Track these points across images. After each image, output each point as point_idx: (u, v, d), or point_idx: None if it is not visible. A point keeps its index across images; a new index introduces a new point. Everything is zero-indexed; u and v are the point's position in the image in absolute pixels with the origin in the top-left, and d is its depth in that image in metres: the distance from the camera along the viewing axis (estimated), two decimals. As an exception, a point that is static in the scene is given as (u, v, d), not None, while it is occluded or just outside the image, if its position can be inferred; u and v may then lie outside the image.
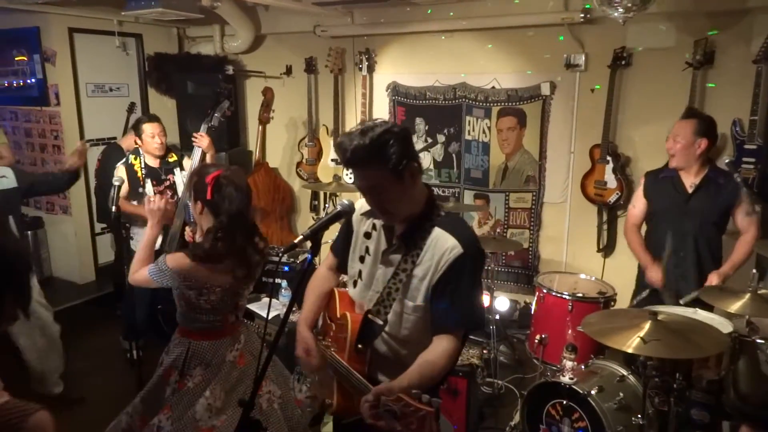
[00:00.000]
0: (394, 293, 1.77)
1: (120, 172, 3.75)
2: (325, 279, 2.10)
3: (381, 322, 1.79)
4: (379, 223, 1.85)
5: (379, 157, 1.63)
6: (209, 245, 2.14)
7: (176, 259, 2.18)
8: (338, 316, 1.93)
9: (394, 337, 1.82)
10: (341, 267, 2.04)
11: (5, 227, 3.31)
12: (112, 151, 4.40)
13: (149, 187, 3.80)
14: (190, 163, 3.92)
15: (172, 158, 3.93)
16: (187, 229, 2.45)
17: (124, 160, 3.87)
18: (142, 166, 3.81)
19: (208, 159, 3.89)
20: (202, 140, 3.84)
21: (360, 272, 1.90)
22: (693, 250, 3.04)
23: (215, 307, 2.23)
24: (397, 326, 1.81)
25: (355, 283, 1.94)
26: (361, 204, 1.94)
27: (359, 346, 1.80)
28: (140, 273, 2.26)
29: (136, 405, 2.29)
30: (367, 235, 1.89)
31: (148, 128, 3.78)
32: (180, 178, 3.92)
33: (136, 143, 3.85)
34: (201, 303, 2.20)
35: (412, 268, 1.75)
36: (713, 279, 2.96)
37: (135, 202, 3.72)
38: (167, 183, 3.87)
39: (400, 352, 1.82)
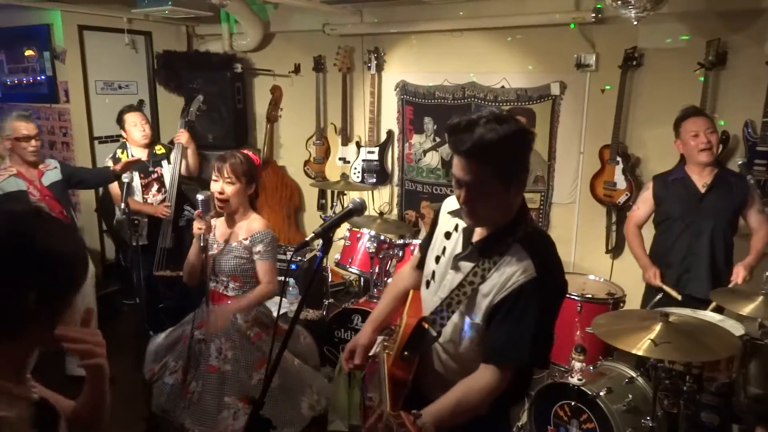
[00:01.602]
0: (455, 305, 1.61)
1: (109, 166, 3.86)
2: (405, 278, 1.98)
3: (434, 333, 1.63)
4: (462, 224, 1.68)
5: (499, 158, 1.45)
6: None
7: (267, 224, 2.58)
8: (403, 316, 1.86)
9: (449, 352, 1.69)
10: (422, 264, 1.88)
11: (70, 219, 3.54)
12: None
13: (136, 179, 3.85)
14: (172, 158, 3.94)
15: (160, 150, 3.98)
16: (196, 223, 2.45)
17: (111, 154, 3.91)
18: (129, 158, 3.84)
19: (189, 154, 3.91)
20: (182, 136, 3.88)
21: (434, 273, 1.75)
22: (708, 250, 3.02)
23: None
24: (454, 341, 1.67)
25: (428, 284, 1.79)
26: (450, 202, 1.80)
27: (405, 353, 1.68)
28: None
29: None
30: (447, 235, 1.73)
31: (129, 118, 3.87)
32: (168, 171, 3.95)
33: (123, 136, 3.89)
34: None
35: (480, 282, 1.57)
36: (740, 271, 2.93)
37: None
38: (154, 175, 3.91)
39: (454, 369, 1.68)
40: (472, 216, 1.58)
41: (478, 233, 1.64)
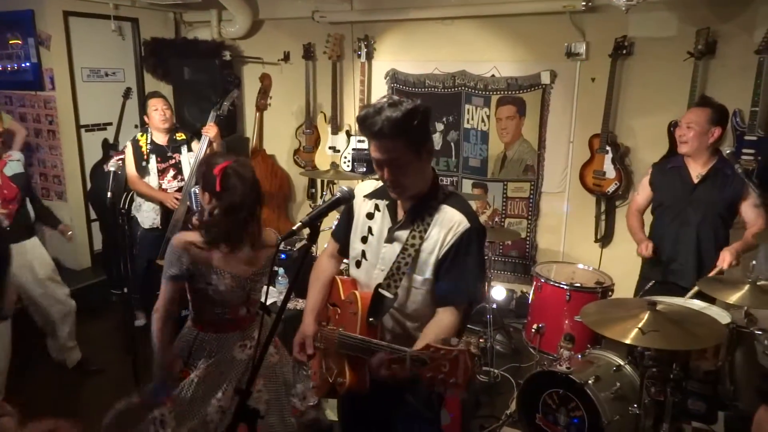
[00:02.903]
0: (403, 267, 1.81)
1: (127, 149, 3.91)
2: (327, 268, 2.12)
3: (391, 296, 1.82)
4: (382, 203, 1.91)
5: (407, 131, 1.68)
6: (216, 227, 2.13)
7: (184, 236, 2.17)
8: (343, 297, 1.96)
9: (402, 312, 1.88)
10: (343, 251, 2.08)
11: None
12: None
13: (153, 163, 3.89)
14: (197, 148, 3.95)
15: (181, 137, 3.99)
16: (194, 217, 2.43)
17: (133, 137, 3.98)
18: (148, 142, 3.93)
19: (215, 147, 3.90)
20: (211, 130, 3.89)
21: (363, 252, 1.95)
22: (694, 241, 3.01)
23: (225, 298, 2.20)
24: (405, 300, 1.87)
25: (358, 264, 1.97)
26: (362, 187, 2.02)
27: (371, 319, 1.83)
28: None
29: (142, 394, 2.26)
30: (370, 216, 1.94)
31: (151, 102, 3.92)
32: (186, 158, 3.96)
33: (146, 121, 3.96)
34: (210, 292, 2.17)
35: (420, 243, 1.80)
36: (726, 256, 2.88)
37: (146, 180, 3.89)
38: (172, 161, 3.93)
39: (407, 324, 1.89)
40: (398, 188, 1.80)
41: (402, 206, 1.87)
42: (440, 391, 1.49)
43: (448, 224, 1.79)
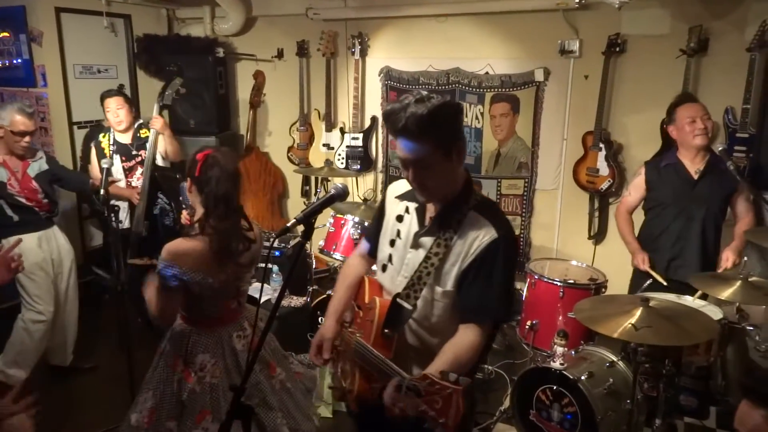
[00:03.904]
0: (425, 277, 1.71)
1: (91, 152, 3.86)
2: (356, 267, 2.04)
3: (410, 307, 1.73)
4: (412, 206, 1.79)
5: (434, 130, 1.56)
6: (202, 224, 2.11)
7: (175, 245, 2.11)
8: (366, 301, 1.89)
9: (422, 324, 1.77)
10: (373, 252, 1.97)
11: None
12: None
13: (117, 163, 3.81)
14: (149, 142, 3.89)
15: (145, 134, 3.92)
16: (184, 212, 2.42)
17: (96, 138, 3.91)
18: (111, 142, 3.85)
19: (166, 140, 3.85)
20: (155, 122, 3.81)
21: (390, 256, 1.85)
22: (699, 236, 3.04)
23: (216, 294, 2.17)
24: (426, 312, 1.75)
25: (384, 268, 1.88)
26: (395, 187, 1.92)
27: (386, 330, 1.75)
28: (150, 289, 2.17)
29: (146, 398, 2.22)
30: (399, 218, 1.84)
31: (106, 104, 3.81)
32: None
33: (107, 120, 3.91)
34: (203, 292, 2.13)
35: (445, 252, 1.68)
36: (729, 255, 2.96)
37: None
38: (138, 159, 3.87)
39: (429, 340, 1.77)
40: (424, 191, 1.68)
41: (431, 210, 1.74)
42: (430, 427, 1.41)
43: (474, 234, 1.66)
